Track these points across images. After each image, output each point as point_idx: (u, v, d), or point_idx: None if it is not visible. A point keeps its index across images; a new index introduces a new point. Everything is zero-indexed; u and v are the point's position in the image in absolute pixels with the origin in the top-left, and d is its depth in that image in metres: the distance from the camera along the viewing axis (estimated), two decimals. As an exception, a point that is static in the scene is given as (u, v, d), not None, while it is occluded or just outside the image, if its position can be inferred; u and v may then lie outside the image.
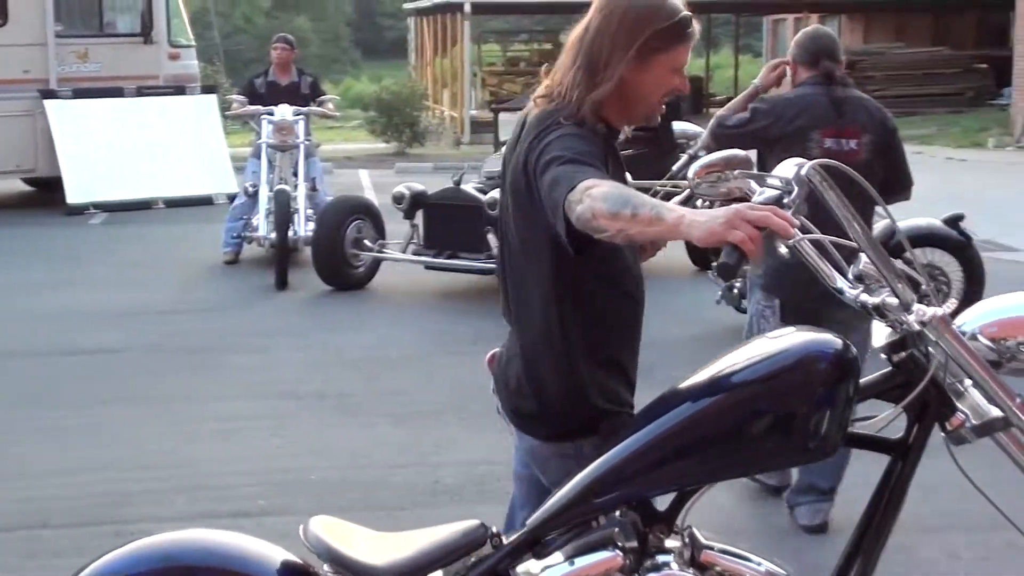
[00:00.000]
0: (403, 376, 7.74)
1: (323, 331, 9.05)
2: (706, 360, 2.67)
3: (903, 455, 2.63)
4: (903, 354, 2.58)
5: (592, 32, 2.88)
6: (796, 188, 2.56)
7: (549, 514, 2.64)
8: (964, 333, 2.61)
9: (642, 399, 2.80)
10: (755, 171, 2.76)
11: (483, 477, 5.81)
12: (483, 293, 10.05)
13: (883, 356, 2.62)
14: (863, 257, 2.57)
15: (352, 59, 57.04)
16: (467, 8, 27.05)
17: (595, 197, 2.50)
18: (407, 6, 36.67)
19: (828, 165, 2.64)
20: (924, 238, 8.33)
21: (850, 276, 2.60)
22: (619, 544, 2.61)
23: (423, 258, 10.33)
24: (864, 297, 2.56)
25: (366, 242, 10.49)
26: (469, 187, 10.34)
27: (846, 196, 2.64)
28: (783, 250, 2.52)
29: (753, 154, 4.79)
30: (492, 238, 9.90)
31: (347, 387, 7.49)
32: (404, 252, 10.41)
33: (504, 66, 35.32)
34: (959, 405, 2.56)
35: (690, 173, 2.90)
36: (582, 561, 2.61)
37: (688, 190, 5.36)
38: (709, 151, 6.17)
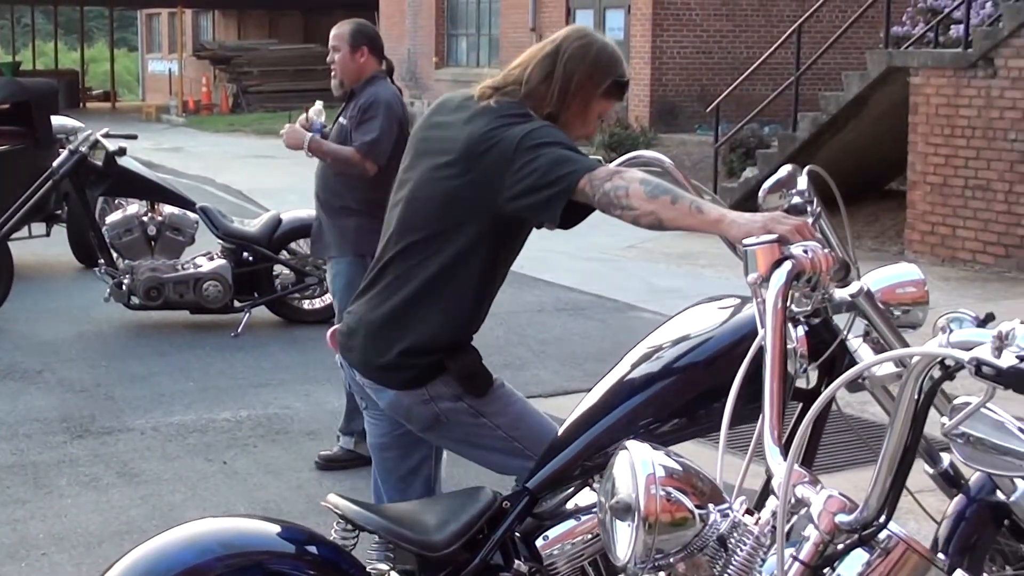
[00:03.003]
0: None
1: None
2: (109, 358, 2.69)
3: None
4: (817, 321, 2.92)
5: (567, 56, 3.12)
6: (813, 196, 2.92)
7: (546, 478, 2.89)
8: None
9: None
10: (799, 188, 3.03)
11: None
12: None
13: (802, 320, 2.93)
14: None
15: None
16: None
17: (630, 179, 2.80)
18: None
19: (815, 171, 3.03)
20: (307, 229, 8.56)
21: None
22: None
23: None
24: None
25: None
26: None
27: None
28: None
29: None
30: None
31: None
32: None
33: None
34: (859, 361, 2.92)
35: (761, 194, 3.04)
36: (587, 516, 2.87)
37: None
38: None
